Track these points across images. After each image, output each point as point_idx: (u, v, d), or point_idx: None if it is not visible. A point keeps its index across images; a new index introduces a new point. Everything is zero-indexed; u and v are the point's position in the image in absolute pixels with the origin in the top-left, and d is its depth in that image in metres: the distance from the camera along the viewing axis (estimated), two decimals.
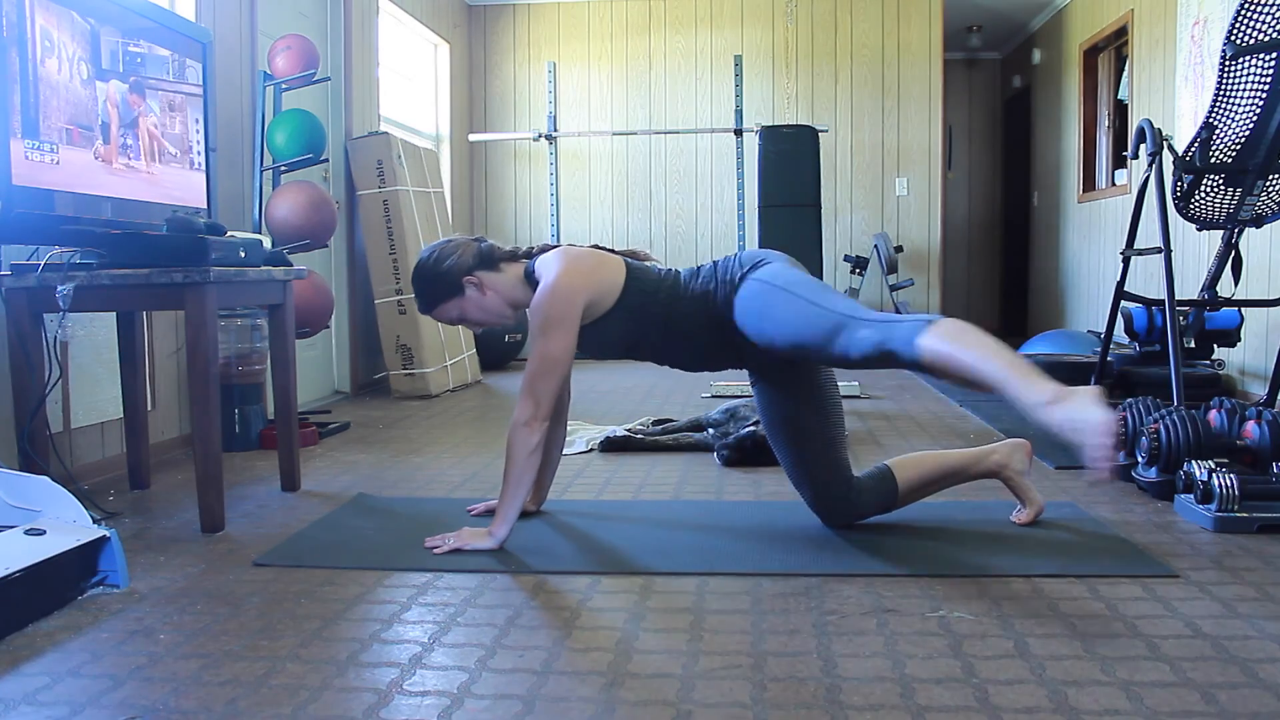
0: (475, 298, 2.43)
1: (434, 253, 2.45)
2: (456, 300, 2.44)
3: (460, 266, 2.42)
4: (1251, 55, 3.07)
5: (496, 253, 2.47)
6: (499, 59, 7.69)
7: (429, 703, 1.54)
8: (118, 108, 2.70)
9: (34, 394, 2.61)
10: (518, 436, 2.30)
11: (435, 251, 2.45)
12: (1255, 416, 2.75)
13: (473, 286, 2.42)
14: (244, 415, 3.77)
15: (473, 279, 2.42)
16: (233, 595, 2.05)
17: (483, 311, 2.46)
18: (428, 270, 2.43)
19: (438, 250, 2.45)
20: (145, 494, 3.02)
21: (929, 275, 7.49)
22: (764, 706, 1.51)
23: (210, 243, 2.56)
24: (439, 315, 2.47)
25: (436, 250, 2.45)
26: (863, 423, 4.22)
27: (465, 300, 2.44)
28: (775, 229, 6.18)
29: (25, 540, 2.00)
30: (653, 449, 3.64)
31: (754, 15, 7.52)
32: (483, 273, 2.43)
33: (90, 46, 2.60)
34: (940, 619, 1.86)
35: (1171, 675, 1.60)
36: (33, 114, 2.40)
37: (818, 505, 2.49)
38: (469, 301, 2.44)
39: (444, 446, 3.79)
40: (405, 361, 5.26)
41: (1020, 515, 2.53)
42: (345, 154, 5.32)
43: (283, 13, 4.72)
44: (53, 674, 1.66)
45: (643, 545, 2.37)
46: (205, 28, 3.30)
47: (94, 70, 2.61)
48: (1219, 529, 2.44)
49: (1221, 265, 3.38)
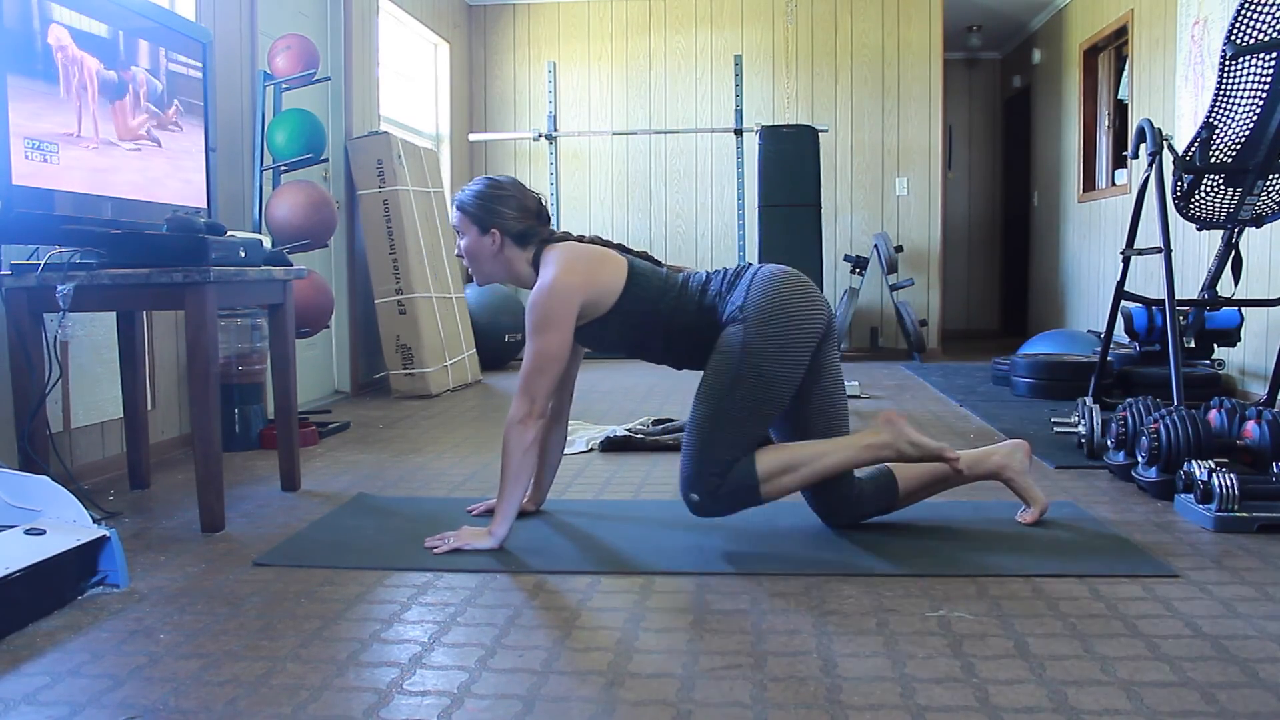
0: (488, 246, 2.46)
1: (501, 189, 2.46)
2: (475, 231, 2.46)
3: (502, 219, 2.44)
4: (1251, 55, 3.06)
5: (535, 234, 2.48)
6: (499, 59, 7.69)
7: (429, 703, 1.54)
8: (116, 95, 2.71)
9: (34, 394, 2.61)
10: (513, 434, 2.32)
11: (503, 189, 2.46)
12: (1255, 416, 2.75)
13: (493, 238, 2.44)
14: (244, 415, 3.77)
15: (497, 234, 2.44)
16: (233, 595, 2.05)
17: (484, 260, 2.48)
18: (485, 194, 2.45)
19: (506, 190, 2.46)
20: (145, 494, 3.02)
21: (929, 275, 7.49)
22: (764, 706, 1.51)
23: (210, 243, 2.56)
24: (457, 224, 2.50)
25: (506, 189, 2.46)
26: (863, 423, 4.21)
27: (480, 240, 2.46)
28: (775, 229, 6.18)
29: (25, 540, 1.99)
30: (653, 449, 3.64)
31: (754, 15, 7.52)
32: (510, 239, 2.45)
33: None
34: (940, 619, 1.86)
35: (1171, 675, 1.60)
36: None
37: (818, 505, 2.49)
38: (481, 244, 2.46)
39: (444, 446, 3.79)
40: (405, 361, 5.26)
41: (1025, 515, 2.53)
42: (345, 154, 5.32)
43: (283, 13, 4.71)
44: (53, 674, 1.66)
45: (643, 545, 2.37)
46: (205, 28, 3.30)
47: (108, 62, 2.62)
48: (1219, 529, 2.44)
49: (1221, 265, 3.38)
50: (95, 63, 2.62)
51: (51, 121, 2.47)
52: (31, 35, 2.41)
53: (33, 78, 2.41)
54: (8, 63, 2.34)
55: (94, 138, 2.62)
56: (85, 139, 2.59)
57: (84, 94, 2.58)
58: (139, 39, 2.81)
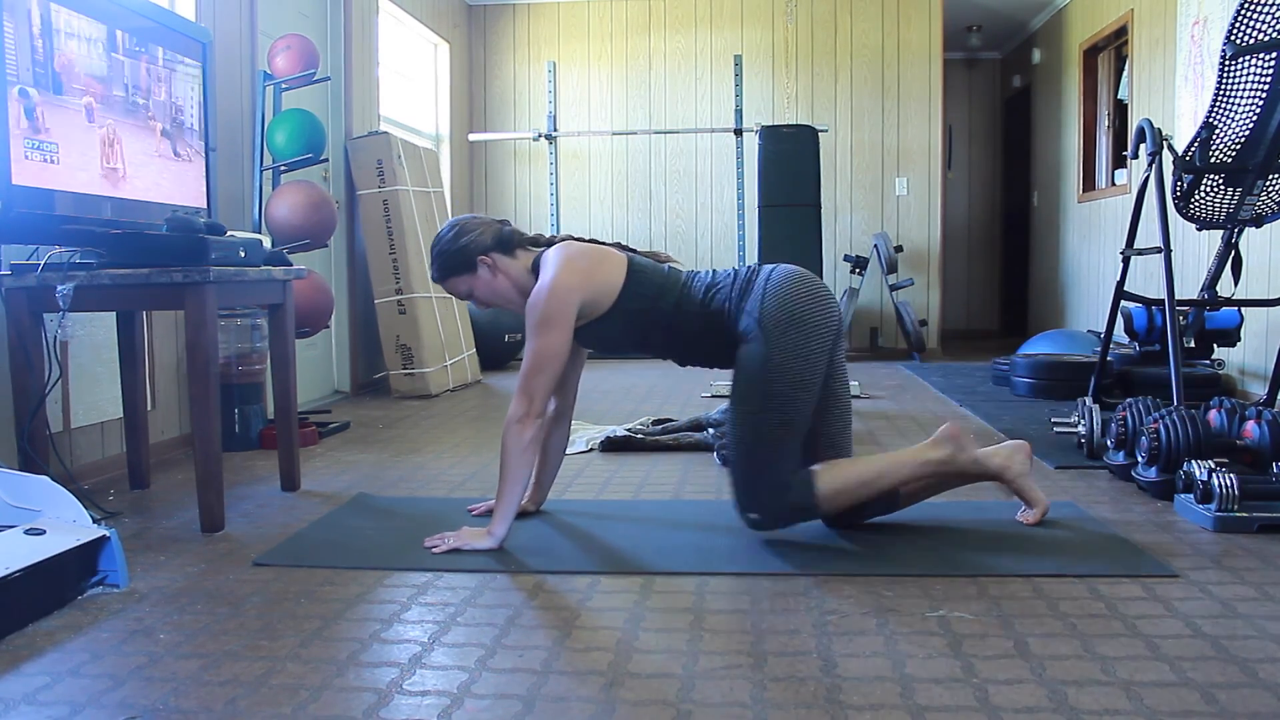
0: (486, 278, 2.46)
1: (455, 227, 2.47)
2: (468, 276, 2.46)
3: (477, 245, 2.44)
4: (1251, 55, 3.06)
5: (515, 238, 2.49)
6: (499, 59, 7.69)
7: (429, 703, 1.54)
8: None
9: (34, 394, 2.61)
10: (512, 433, 2.32)
11: (457, 226, 2.47)
12: (1255, 416, 2.75)
13: (485, 267, 2.44)
14: (244, 415, 3.77)
15: (487, 259, 2.44)
16: (233, 595, 2.05)
17: (492, 293, 2.48)
18: (446, 243, 2.46)
19: (459, 225, 2.47)
20: (145, 494, 3.02)
21: (929, 275, 7.49)
22: (764, 706, 1.51)
23: (210, 242, 2.56)
24: (450, 288, 2.50)
25: (458, 225, 2.47)
26: (863, 423, 4.22)
27: (476, 278, 2.46)
28: (775, 229, 6.18)
29: (25, 540, 1.99)
30: (653, 449, 3.64)
31: (754, 15, 7.52)
32: (498, 255, 2.45)
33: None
34: (940, 619, 1.86)
35: (1171, 675, 1.60)
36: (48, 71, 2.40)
37: None
38: (480, 280, 2.46)
39: (444, 446, 3.79)
40: (405, 361, 5.26)
41: (1027, 515, 2.53)
42: (345, 154, 5.32)
43: (283, 13, 4.71)
44: (53, 674, 1.66)
45: (643, 545, 2.37)
46: (205, 28, 3.30)
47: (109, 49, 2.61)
48: (1219, 529, 2.44)
49: (1221, 265, 3.38)
50: (95, 63, 2.62)
51: (52, 122, 2.47)
52: (31, 36, 2.41)
53: (33, 81, 2.41)
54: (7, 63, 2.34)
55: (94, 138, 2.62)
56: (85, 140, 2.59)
57: (83, 94, 2.58)
58: (138, 39, 2.81)
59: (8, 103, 2.33)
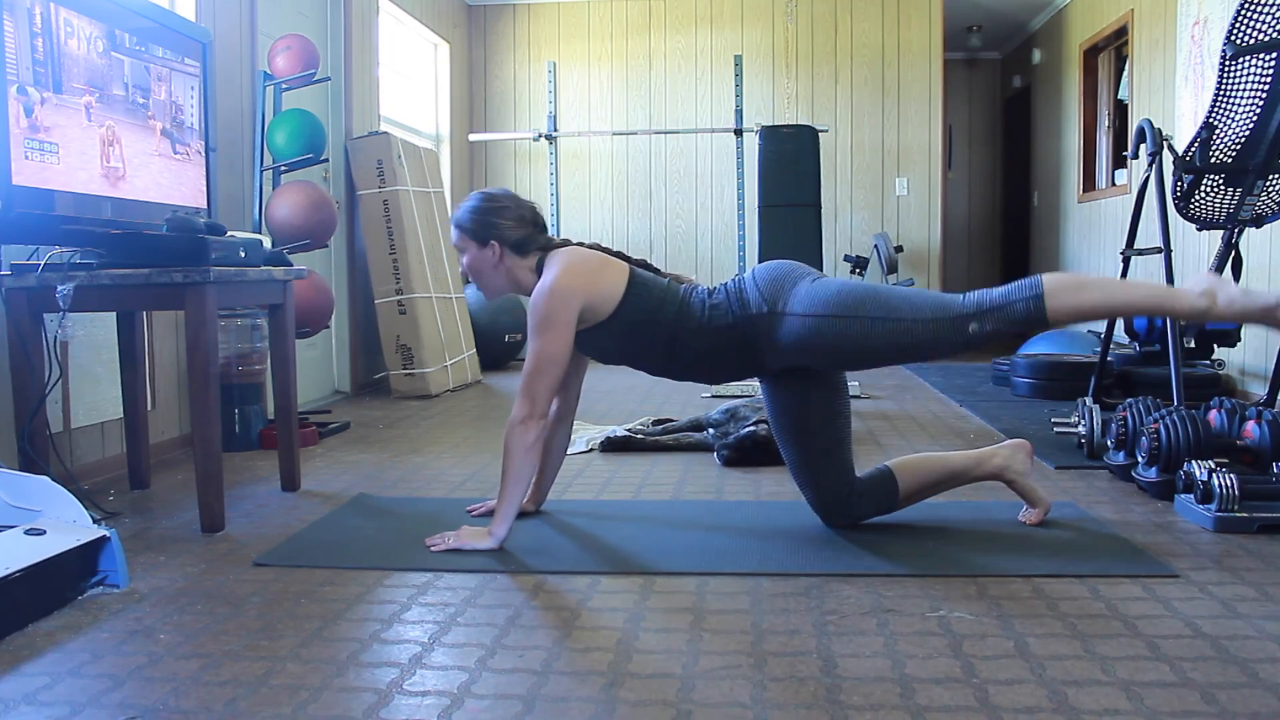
0: (489, 259, 2.46)
1: (495, 201, 2.48)
2: (474, 244, 2.47)
3: (499, 232, 2.45)
4: (1251, 55, 3.06)
5: (533, 242, 2.48)
6: (499, 59, 7.69)
7: (429, 703, 1.54)
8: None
9: (34, 394, 2.61)
10: (514, 434, 2.32)
11: (497, 201, 2.48)
12: (1255, 416, 2.75)
13: (492, 250, 2.45)
14: (244, 415, 3.77)
15: (497, 247, 2.45)
16: (233, 595, 2.05)
17: (486, 273, 2.49)
18: (482, 210, 2.46)
19: (504, 204, 2.47)
20: (145, 494, 3.02)
21: (929, 275, 7.49)
22: (764, 706, 1.51)
23: (210, 243, 2.56)
24: (455, 238, 2.51)
25: (500, 200, 2.48)
26: (863, 423, 4.22)
27: (480, 254, 2.46)
28: (775, 229, 6.17)
29: (25, 540, 1.99)
30: (653, 449, 3.64)
31: (754, 15, 7.52)
32: (508, 251, 2.46)
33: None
34: (940, 619, 1.86)
35: (1171, 675, 1.60)
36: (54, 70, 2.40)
37: (819, 505, 2.49)
38: (481, 258, 2.47)
39: (444, 446, 3.79)
40: (405, 361, 5.26)
41: (1029, 515, 2.53)
42: (345, 154, 5.32)
43: (283, 13, 4.72)
44: (53, 674, 1.66)
45: (643, 545, 2.37)
46: (205, 28, 3.30)
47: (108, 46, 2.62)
48: (1219, 529, 2.44)
49: (1221, 265, 3.38)
50: (95, 62, 2.62)
51: (52, 122, 2.47)
52: (32, 35, 2.41)
53: (32, 81, 2.41)
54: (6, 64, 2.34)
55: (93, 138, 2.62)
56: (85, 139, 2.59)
57: (83, 94, 2.58)
58: (138, 39, 2.81)
59: (8, 102, 2.33)
